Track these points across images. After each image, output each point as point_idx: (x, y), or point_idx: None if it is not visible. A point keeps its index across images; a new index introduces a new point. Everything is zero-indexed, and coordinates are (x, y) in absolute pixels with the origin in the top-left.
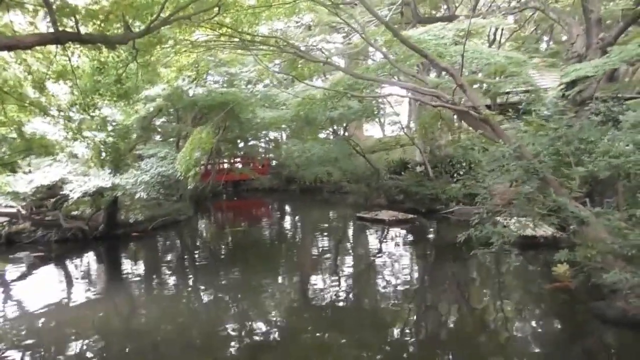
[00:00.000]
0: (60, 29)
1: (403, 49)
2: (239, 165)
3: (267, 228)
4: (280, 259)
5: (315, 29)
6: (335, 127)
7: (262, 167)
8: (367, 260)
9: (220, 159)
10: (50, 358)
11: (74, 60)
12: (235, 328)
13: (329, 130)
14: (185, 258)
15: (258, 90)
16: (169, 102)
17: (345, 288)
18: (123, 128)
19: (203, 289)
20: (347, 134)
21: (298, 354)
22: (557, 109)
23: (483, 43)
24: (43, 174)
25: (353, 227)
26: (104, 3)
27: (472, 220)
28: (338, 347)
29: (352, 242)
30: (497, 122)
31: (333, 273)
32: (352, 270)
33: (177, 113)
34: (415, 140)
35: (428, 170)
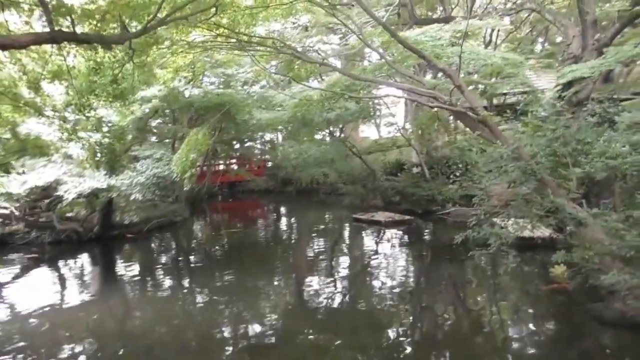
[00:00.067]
0: (56, 29)
1: (400, 50)
2: (235, 167)
3: (262, 229)
4: (276, 261)
5: (312, 30)
6: (332, 128)
7: (258, 168)
8: (363, 262)
9: (216, 161)
10: None
11: (70, 60)
12: (231, 330)
13: (325, 132)
14: (181, 260)
15: (254, 92)
16: (165, 103)
17: (341, 289)
18: (119, 129)
19: (198, 291)
20: (343, 136)
21: (294, 356)
22: (554, 110)
23: (479, 44)
24: (37, 175)
25: (349, 228)
26: (101, 3)
27: (469, 222)
28: (334, 348)
29: (348, 243)
30: (494, 123)
31: (329, 274)
32: (348, 272)
33: (173, 114)
34: (412, 142)
35: (424, 172)
